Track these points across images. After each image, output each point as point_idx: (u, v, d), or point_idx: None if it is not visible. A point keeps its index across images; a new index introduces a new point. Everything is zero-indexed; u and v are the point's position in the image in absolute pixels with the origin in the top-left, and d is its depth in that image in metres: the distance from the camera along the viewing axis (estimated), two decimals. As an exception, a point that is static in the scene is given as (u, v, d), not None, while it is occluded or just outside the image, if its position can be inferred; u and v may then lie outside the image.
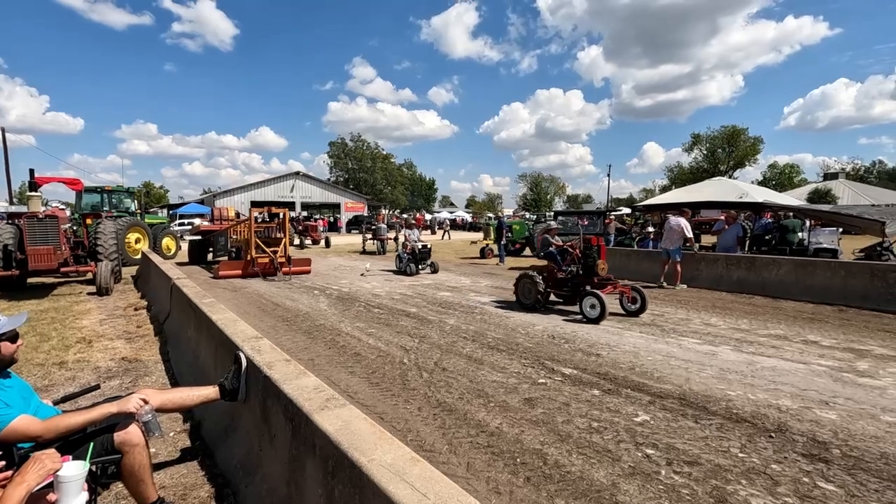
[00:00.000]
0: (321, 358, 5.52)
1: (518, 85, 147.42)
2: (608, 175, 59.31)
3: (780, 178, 60.78)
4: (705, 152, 60.06)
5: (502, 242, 16.47)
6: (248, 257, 12.66)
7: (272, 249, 12.70)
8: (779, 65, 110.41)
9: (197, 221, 28.22)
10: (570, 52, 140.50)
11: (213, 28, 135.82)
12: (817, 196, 40.10)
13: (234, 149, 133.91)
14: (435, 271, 13.52)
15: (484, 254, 18.18)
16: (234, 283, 11.70)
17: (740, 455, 3.21)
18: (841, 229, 14.19)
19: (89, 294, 9.97)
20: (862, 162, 65.95)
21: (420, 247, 13.69)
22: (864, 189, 43.31)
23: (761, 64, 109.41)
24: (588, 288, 7.51)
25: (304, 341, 6.26)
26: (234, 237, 14.86)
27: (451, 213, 64.53)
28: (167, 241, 18.08)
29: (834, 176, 51.05)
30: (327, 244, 24.49)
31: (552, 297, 8.37)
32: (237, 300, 9.31)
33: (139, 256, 14.06)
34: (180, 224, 32.55)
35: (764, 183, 55.37)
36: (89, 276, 10.98)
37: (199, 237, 17.17)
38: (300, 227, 25.70)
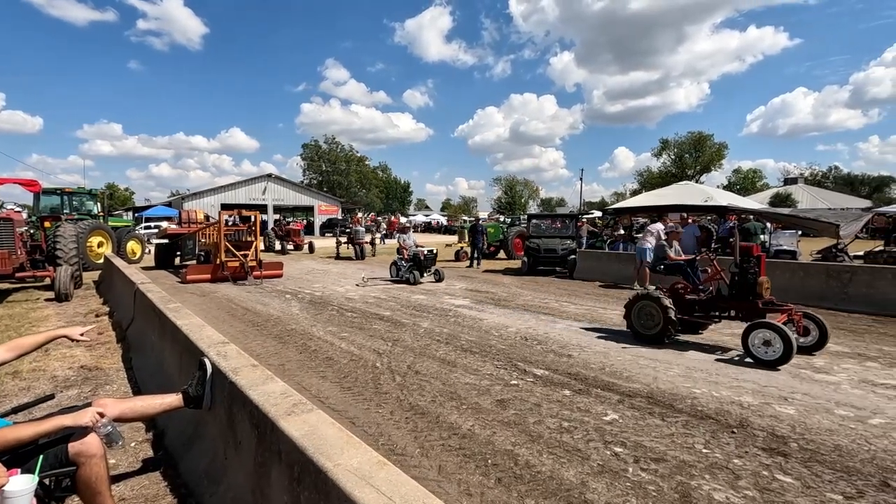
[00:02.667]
0: (292, 363, 5.43)
1: (492, 89, 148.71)
2: (581, 179, 60.69)
3: (744, 183, 62.96)
4: (673, 157, 61.92)
5: (479, 245, 16.46)
6: (218, 261, 12.36)
7: (242, 253, 12.44)
8: (742, 73, 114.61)
9: (164, 224, 27.33)
10: (543, 57, 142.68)
11: (180, 26, 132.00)
12: (778, 200, 41.70)
13: (204, 150, 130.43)
14: (440, 279, 12.22)
15: (458, 256, 18.23)
16: (202, 287, 11.40)
17: (704, 451, 3.31)
18: (800, 232, 14.82)
19: (47, 300, 9.55)
20: (819, 168, 68.97)
21: (425, 252, 12.35)
22: (821, 193, 45.25)
23: (726, 72, 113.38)
24: (739, 313, 5.88)
25: (275, 346, 6.15)
26: (203, 240, 14.50)
27: (426, 215, 64.54)
28: (132, 245, 17.49)
29: (794, 181, 53.18)
30: (311, 249, 23.05)
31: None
32: (206, 305, 9.07)
33: (102, 261, 13.57)
34: (146, 227, 31.54)
35: (729, 187, 57.25)
36: (48, 281, 10.52)
37: (166, 240, 16.67)
38: (282, 232, 24.00)
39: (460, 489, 2.86)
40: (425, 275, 12.28)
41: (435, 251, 12.88)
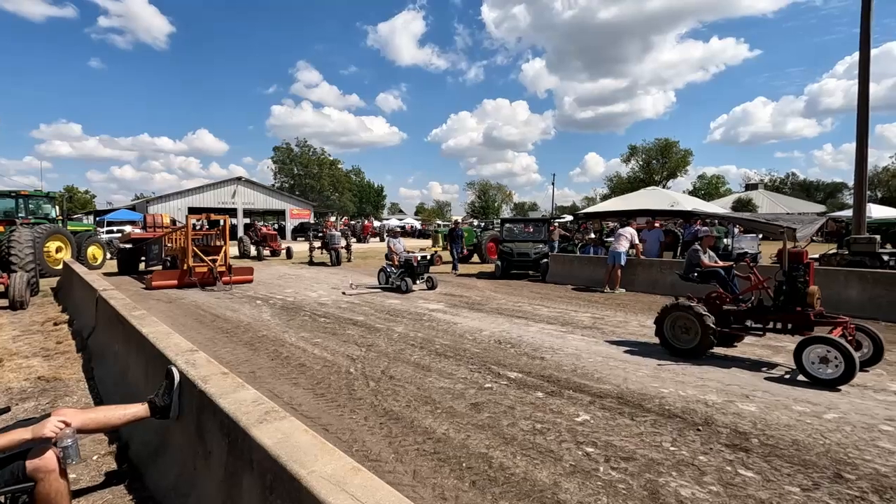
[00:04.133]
0: (263, 370, 5.32)
1: (465, 94, 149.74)
2: (552, 184, 61.63)
3: (708, 188, 65.25)
4: (641, 163, 63.66)
5: (459, 249, 16.42)
6: (185, 266, 12.02)
7: (211, 258, 12.13)
8: (706, 82, 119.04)
9: (128, 229, 26.32)
10: (516, 63, 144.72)
11: (145, 24, 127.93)
12: (740, 205, 43.35)
13: (170, 152, 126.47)
14: (433, 287, 11.49)
15: (433, 260, 18.20)
16: (169, 293, 11.06)
17: (671, 448, 3.41)
18: (761, 235, 15.44)
19: (1, 308, 9.09)
20: (777, 174, 72.21)
21: (419, 258, 11.52)
22: (779, 198, 47.26)
23: (691, 81, 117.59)
24: (786, 326, 5.42)
25: (246, 353, 6.02)
26: (170, 245, 14.07)
27: (400, 220, 64.35)
28: (93, 250, 16.81)
29: (754, 186, 55.47)
30: (289, 254, 21.79)
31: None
32: (173, 312, 8.81)
33: (60, 267, 12.99)
34: (109, 231, 30.36)
35: (694, 192, 59.22)
36: (1, 288, 10.01)
37: (129, 245, 16.11)
38: (258, 237, 22.52)
39: (435, 493, 2.87)
40: (418, 282, 11.45)
41: (429, 257, 12.08)
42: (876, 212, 26.57)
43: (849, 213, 18.42)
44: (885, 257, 11.22)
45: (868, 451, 3.35)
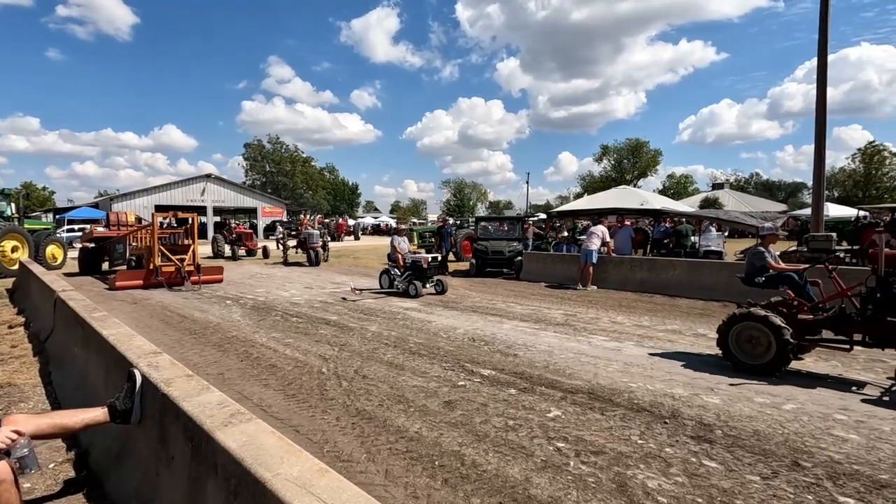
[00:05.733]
0: (233, 371, 5.21)
1: (440, 92, 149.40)
2: (527, 182, 62.13)
3: (677, 187, 67.05)
4: (613, 163, 64.98)
5: (448, 248, 16.30)
6: (151, 266, 11.64)
7: (179, 257, 11.79)
8: (675, 84, 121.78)
9: (90, 227, 25.33)
10: (490, 62, 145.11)
11: (107, 14, 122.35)
12: (707, 204, 44.67)
13: (135, 148, 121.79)
14: (443, 291, 10.43)
15: (444, 262, 18.02)
16: (134, 294, 10.70)
17: (639, 441, 3.49)
18: (726, 233, 15.95)
19: (-50, 311, 8.62)
20: (742, 174, 74.78)
21: (429, 259, 10.53)
22: (744, 198, 48.89)
23: (660, 82, 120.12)
24: (880, 339, 4.73)
25: (215, 355, 5.87)
26: (135, 244, 13.61)
27: (375, 217, 63.90)
28: (52, 249, 16.11)
29: (721, 186, 57.23)
30: (265, 254, 20.71)
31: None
32: (137, 313, 8.52)
33: (16, 267, 12.42)
34: (69, 230, 29.19)
35: (663, 192, 60.76)
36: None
37: (92, 244, 15.50)
38: (233, 236, 21.43)
39: (407, 492, 2.86)
40: (428, 285, 10.42)
41: (440, 257, 10.96)
42: (833, 210, 27.79)
43: (808, 211, 19.22)
44: (842, 254, 11.76)
45: (823, 440, 3.50)
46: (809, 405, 4.17)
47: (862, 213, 18.69)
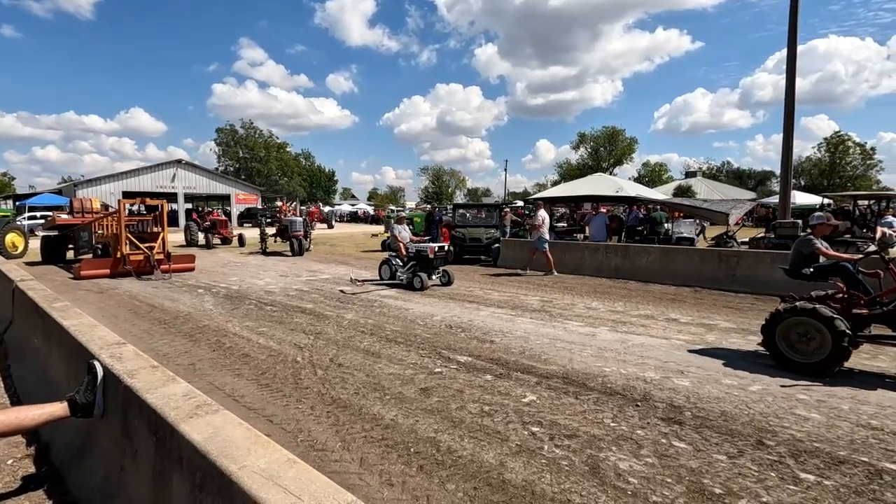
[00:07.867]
0: (204, 362, 5.09)
1: (418, 78, 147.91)
2: (505, 170, 62.24)
3: (652, 175, 68.11)
4: (590, 150, 65.53)
5: (436, 237, 16.14)
6: (119, 254, 11.26)
7: (148, 245, 11.43)
8: (651, 73, 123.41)
9: (53, 214, 24.26)
10: (469, 48, 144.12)
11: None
12: (681, 191, 45.57)
13: (101, 132, 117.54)
14: (449, 282, 9.88)
15: (450, 253, 17.82)
16: (100, 283, 10.34)
17: (612, 424, 3.55)
18: (699, 221, 16.31)
19: None
20: (714, 163, 76.41)
21: (436, 248, 9.80)
22: (716, 186, 50.03)
23: (637, 71, 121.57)
24: None
25: (185, 345, 5.73)
26: (101, 232, 13.13)
27: (353, 205, 63.19)
28: (12, 237, 15.45)
29: (693, 174, 58.35)
30: (241, 242, 19.96)
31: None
32: (104, 303, 8.25)
33: (-27, 256, 11.85)
34: (31, 217, 27.98)
35: (639, 179, 61.70)
36: None
37: (54, 232, 14.90)
38: (206, 223, 20.51)
39: (382, 480, 2.85)
40: (434, 276, 9.83)
41: (447, 247, 10.24)
42: (800, 198, 28.71)
43: (776, 199, 19.79)
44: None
45: (786, 419, 3.63)
46: (774, 386, 4.30)
47: (826, 200, 19.33)
